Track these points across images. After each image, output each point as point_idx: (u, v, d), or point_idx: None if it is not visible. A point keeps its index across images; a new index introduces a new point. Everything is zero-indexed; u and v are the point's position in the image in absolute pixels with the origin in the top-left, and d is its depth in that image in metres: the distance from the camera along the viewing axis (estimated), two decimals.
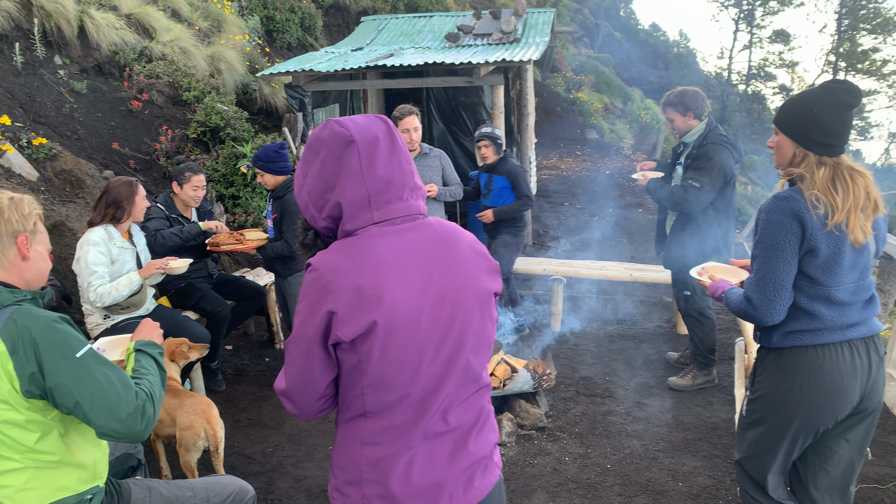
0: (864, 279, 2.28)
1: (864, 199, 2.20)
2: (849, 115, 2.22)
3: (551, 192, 11.56)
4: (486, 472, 1.62)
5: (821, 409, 2.27)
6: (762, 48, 38.02)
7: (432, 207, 4.79)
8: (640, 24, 44.44)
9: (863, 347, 2.27)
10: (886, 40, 33.67)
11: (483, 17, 9.34)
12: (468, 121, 8.65)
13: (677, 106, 4.18)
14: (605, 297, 6.51)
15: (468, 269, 1.54)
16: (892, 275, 4.94)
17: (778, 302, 2.24)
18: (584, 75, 22.41)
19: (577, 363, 5.09)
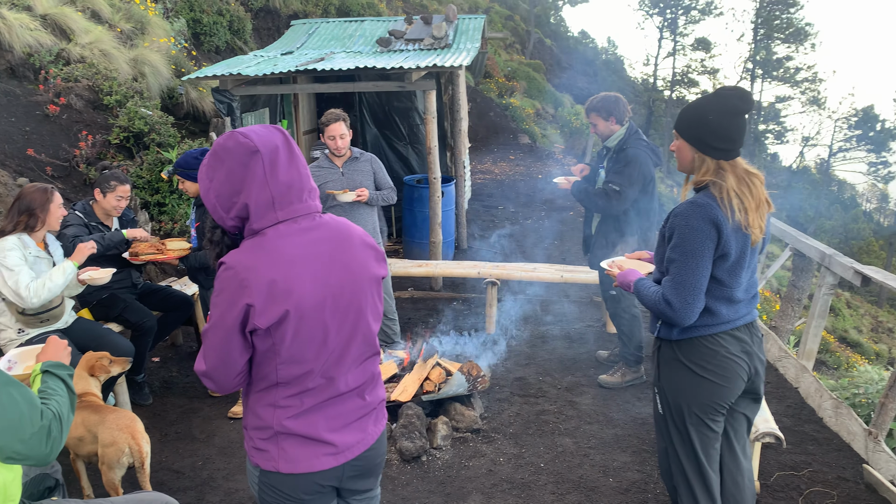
0: (754, 275, 2.49)
1: (760, 198, 2.36)
2: (742, 121, 2.32)
3: (486, 195, 11.69)
4: (378, 421, 1.99)
5: (721, 389, 2.45)
6: (685, 55, 39.53)
7: (364, 212, 4.74)
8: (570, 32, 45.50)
9: (746, 332, 2.48)
10: (798, 49, 35.55)
11: (414, 22, 9.36)
12: (402, 125, 8.65)
13: (600, 111, 4.31)
14: (537, 299, 6.62)
15: (360, 259, 1.85)
16: (805, 271, 5.21)
17: (695, 305, 2.36)
18: (517, 81, 22.75)
19: (512, 365, 5.15)
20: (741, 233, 2.32)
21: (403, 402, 4.06)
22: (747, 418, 2.60)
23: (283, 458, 1.81)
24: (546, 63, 31.42)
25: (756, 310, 2.53)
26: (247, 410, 1.86)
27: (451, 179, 8.06)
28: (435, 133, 6.86)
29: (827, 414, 4.23)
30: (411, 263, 6.34)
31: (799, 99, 36.60)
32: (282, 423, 1.79)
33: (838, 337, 17.31)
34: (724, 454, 2.59)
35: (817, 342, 4.80)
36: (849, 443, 3.95)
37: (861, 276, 4.08)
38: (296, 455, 1.81)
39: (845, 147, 35.88)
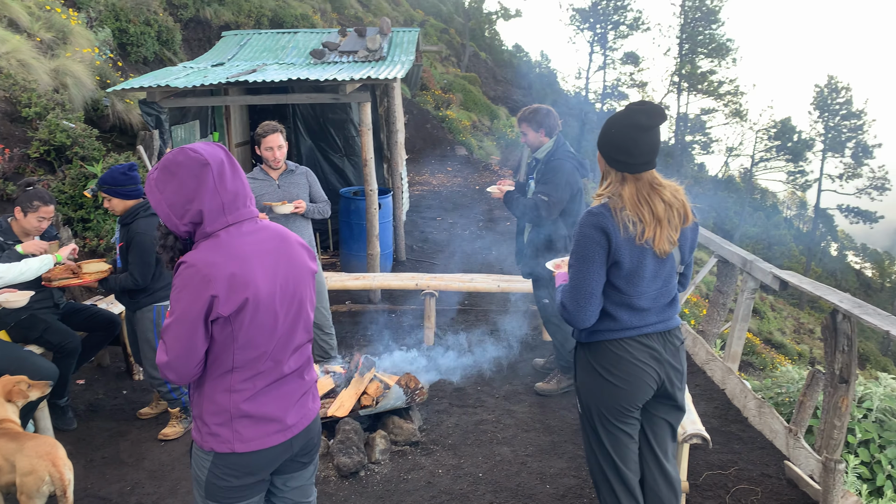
0: (667, 286, 2.52)
1: (667, 211, 2.40)
2: (643, 136, 2.36)
3: (424, 207, 11.72)
4: (314, 399, 2.23)
5: (625, 392, 2.51)
6: (615, 69, 40.72)
7: (300, 224, 4.68)
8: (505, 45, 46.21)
9: (657, 340, 2.52)
10: (721, 63, 37.12)
11: (348, 34, 9.34)
12: (337, 137, 8.60)
13: (531, 122, 4.41)
14: (476, 309, 6.67)
15: (299, 256, 2.12)
16: (729, 277, 5.43)
17: (588, 309, 2.43)
18: (453, 93, 22.94)
19: (450, 376, 5.17)
20: (636, 244, 2.38)
21: (340, 418, 4.02)
22: (669, 424, 2.66)
23: (237, 440, 2.00)
24: (481, 76, 31.83)
25: (674, 319, 2.57)
26: (200, 400, 2.03)
27: (389, 191, 8.05)
28: (371, 145, 6.85)
29: (751, 414, 4.41)
30: (348, 276, 6.30)
31: (722, 111, 38.18)
32: (238, 407, 1.99)
33: (763, 339, 18.04)
34: (647, 459, 2.65)
35: (741, 344, 5.00)
36: (771, 440, 4.13)
37: (779, 280, 4.28)
38: (250, 435, 2.01)
39: (766, 157, 37.58)
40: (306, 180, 4.79)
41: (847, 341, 3.49)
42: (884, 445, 4.61)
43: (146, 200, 4.02)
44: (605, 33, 39.46)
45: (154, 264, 4.03)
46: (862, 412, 4.79)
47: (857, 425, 4.65)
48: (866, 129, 35.78)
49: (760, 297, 21.54)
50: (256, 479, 2.07)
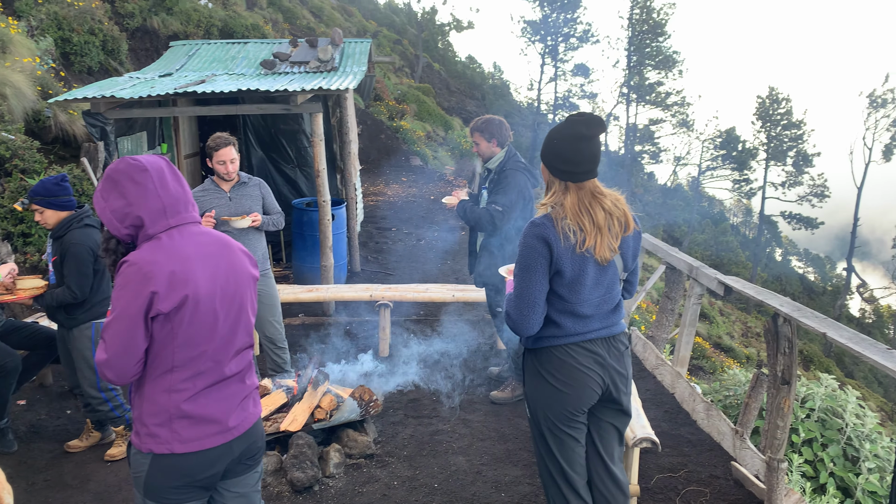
0: (609, 292, 2.57)
1: (607, 219, 2.46)
2: (584, 146, 2.43)
3: (379, 217, 11.69)
4: (255, 404, 2.26)
5: (569, 397, 2.54)
6: (566, 81, 41.36)
7: (253, 237, 4.60)
8: (458, 57, 46.56)
9: (603, 345, 2.58)
10: (668, 75, 38.09)
11: (300, 45, 9.29)
12: (289, 148, 8.52)
13: (483, 132, 4.47)
14: (431, 319, 6.68)
15: (241, 261, 2.18)
16: (677, 283, 5.56)
17: (531, 317, 2.49)
18: (407, 104, 22.98)
19: (405, 387, 5.16)
20: (577, 253, 2.43)
21: (294, 432, 3.97)
22: (615, 428, 2.70)
23: (176, 440, 2.02)
24: (435, 87, 31.98)
25: (618, 324, 2.62)
26: (139, 401, 2.05)
27: (342, 202, 8.02)
28: (323, 156, 6.81)
29: (700, 417, 4.52)
30: (301, 289, 6.23)
31: (670, 121, 39.15)
32: (178, 407, 2.02)
33: (713, 343, 18.49)
34: (595, 462, 2.70)
35: (689, 349, 5.12)
36: (719, 442, 4.23)
37: (724, 286, 4.41)
38: (189, 435, 2.03)
39: (712, 166, 38.66)
40: (259, 192, 4.72)
41: (788, 344, 3.61)
42: (826, 444, 4.78)
43: (79, 212, 3.90)
44: (555, 45, 40.10)
45: (91, 275, 3.87)
46: (805, 412, 4.95)
47: (801, 425, 4.80)
48: (806, 139, 37.15)
49: (709, 302, 22.08)
50: (196, 480, 2.07)
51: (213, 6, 15.59)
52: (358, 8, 35.03)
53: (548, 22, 39.62)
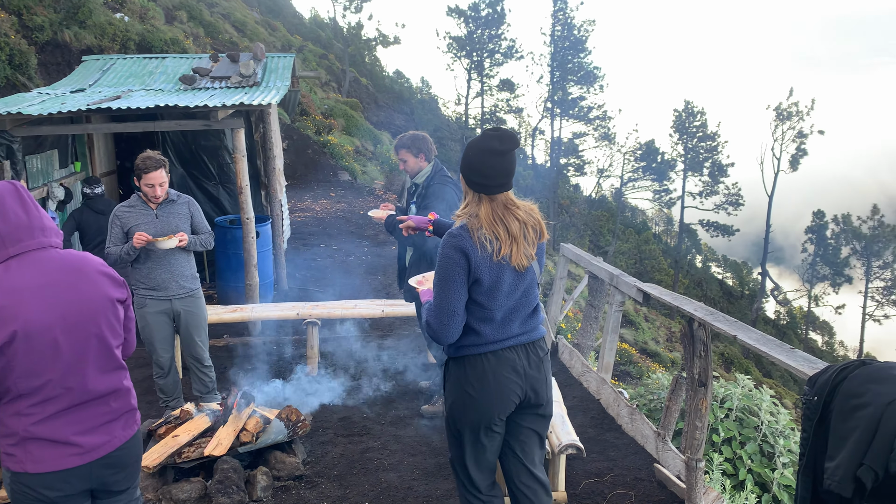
0: (527, 297, 2.64)
1: (522, 228, 2.55)
2: (497, 160, 2.51)
3: (307, 234, 11.54)
4: (128, 426, 2.30)
5: (488, 405, 2.59)
6: (493, 95, 42.08)
7: (180, 257, 4.46)
8: (386, 71, 46.67)
9: (522, 352, 2.63)
10: (589, 90, 39.28)
11: (221, 60, 9.11)
12: (210, 165, 8.32)
13: (410, 148, 4.50)
14: (361, 336, 6.62)
15: (94, 286, 2.19)
16: (599, 291, 5.71)
17: (451, 326, 2.54)
18: (334, 119, 22.85)
19: (335, 405, 5.09)
20: (494, 261, 2.50)
21: (218, 457, 3.85)
22: (536, 433, 2.75)
23: (29, 460, 2.09)
24: (363, 101, 31.92)
25: (537, 330, 2.68)
26: None
27: (267, 219, 7.88)
28: (245, 172, 6.68)
29: (625, 421, 4.64)
30: (224, 309, 6.07)
31: (592, 135, 40.31)
32: (27, 429, 2.07)
33: (639, 348, 19.06)
34: (517, 468, 2.74)
35: (613, 355, 5.27)
36: (643, 445, 4.36)
37: (643, 293, 4.56)
38: (42, 456, 2.09)
39: (634, 177, 40.00)
40: (188, 210, 4.56)
41: (703, 347, 3.76)
42: (744, 442, 4.99)
43: None
44: (481, 61, 40.77)
45: None
46: (724, 412, 5.16)
47: (721, 424, 5.00)
48: (720, 150, 38.96)
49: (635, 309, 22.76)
50: (51, 499, 2.12)
51: (129, 20, 15.10)
52: (283, 23, 34.67)
53: (473, 38, 40.28)
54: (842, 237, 38.11)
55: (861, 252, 36.86)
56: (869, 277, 36.49)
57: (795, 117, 37.46)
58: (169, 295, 4.45)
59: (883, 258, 36.27)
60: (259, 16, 31.79)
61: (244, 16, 27.81)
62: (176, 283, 4.46)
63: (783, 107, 37.82)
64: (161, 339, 4.51)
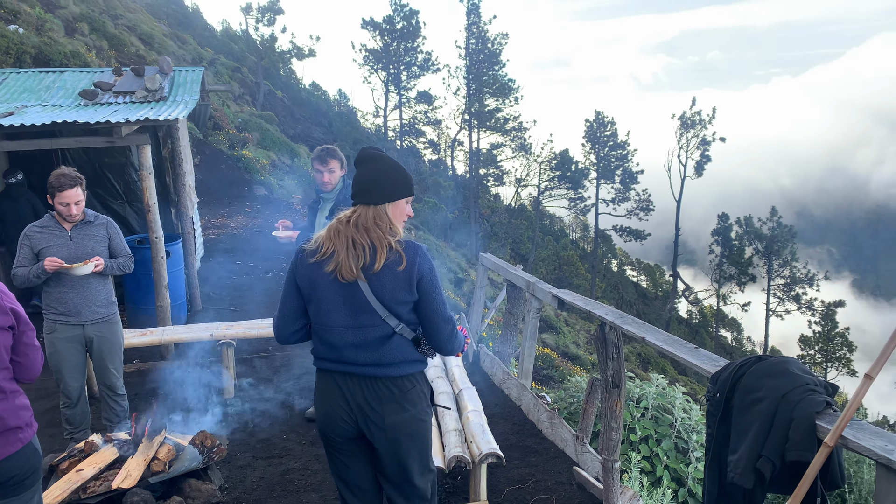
0: (363, 329, 2.44)
1: (362, 243, 2.40)
2: (361, 171, 2.51)
3: (222, 251, 11.19)
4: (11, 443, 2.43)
5: (322, 422, 2.55)
6: (411, 108, 42.26)
7: (96, 282, 4.20)
8: (302, 84, 46.08)
9: (356, 383, 2.47)
10: (505, 102, 40.05)
11: (125, 73, 8.75)
12: (116, 182, 7.98)
13: (340, 160, 4.53)
14: (280, 355, 6.47)
15: None
16: (518, 299, 5.81)
17: (282, 327, 2.57)
18: (249, 133, 22.35)
19: (254, 427, 4.95)
20: (324, 275, 2.42)
21: (128, 489, 3.66)
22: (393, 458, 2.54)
23: None
24: (279, 114, 31.39)
25: (382, 368, 2.45)
26: None
27: (178, 237, 7.61)
28: (153, 189, 6.43)
29: (545, 426, 4.72)
30: (133, 333, 5.81)
31: (510, 145, 41.11)
32: None
33: (560, 352, 19.47)
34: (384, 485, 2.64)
35: (532, 361, 5.36)
36: (563, 449, 4.45)
37: (557, 299, 4.66)
38: None
39: (550, 186, 41.01)
40: (106, 233, 4.30)
41: (615, 349, 3.88)
42: (660, 439, 5.17)
43: None
44: (398, 73, 40.90)
45: None
46: (640, 411, 5.33)
47: (638, 423, 5.16)
48: (630, 158, 40.51)
49: (556, 314, 23.27)
50: None
51: (24, 32, 14.30)
52: (193, 35, 33.70)
53: (389, 50, 40.37)
54: (745, 238, 40.27)
55: (763, 252, 39.06)
56: (771, 276, 38.70)
57: (699, 126, 39.43)
58: (81, 320, 4.20)
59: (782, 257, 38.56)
60: (167, 28, 30.77)
61: (151, 28, 26.86)
62: (89, 308, 4.21)
63: (687, 116, 39.72)
64: (70, 366, 4.24)
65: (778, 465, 2.37)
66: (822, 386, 2.49)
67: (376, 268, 2.38)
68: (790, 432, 2.33)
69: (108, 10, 24.94)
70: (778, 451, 2.36)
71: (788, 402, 2.39)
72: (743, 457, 2.44)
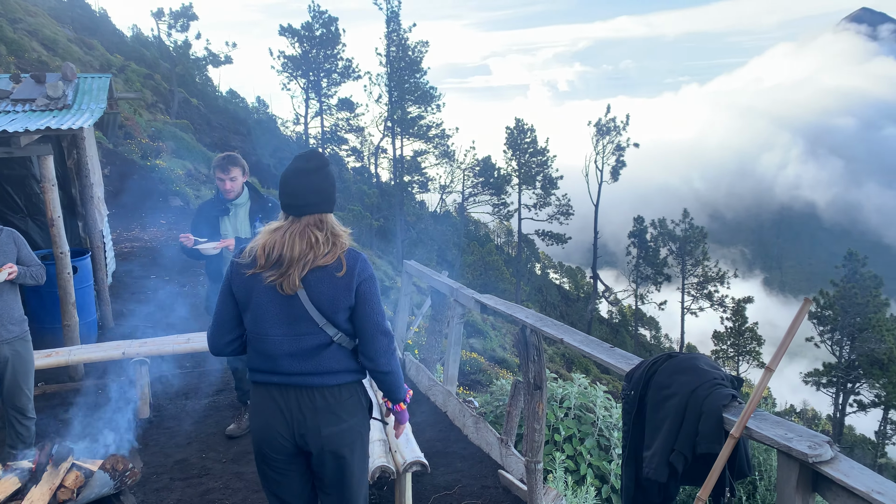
0: (300, 338, 2.39)
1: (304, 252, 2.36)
2: (297, 181, 2.41)
3: (135, 265, 10.74)
4: None
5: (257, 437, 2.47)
6: (332, 115, 41.83)
7: (7, 297, 3.98)
8: (219, 91, 44.88)
9: (293, 394, 2.41)
10: (427, 109, 40.24)
11: (24, 80, 8.27)
12: (16, 196, 7.52)
13: (243, 167, 4.44)
14: (196, 371, 6.26)
15: None
16: (443, 305, 5.83)
17: (215, 336, 2.51)
18: (163, 142, 21.58)
19: (171, 447, 4.76)
20: (261, 284, 2.37)
21: None
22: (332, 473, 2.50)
23: None
24: (195, 123, 30.45)
25: (319, 377, 2.40)
26: None
27: (86, 252, 7.24)
28: (57, 202, 6.10)
29: (470, 431, 4.75)
30: (37, 354, 5.46)
31: (433, 152, 41.31)
32: None
33: (488, 357, 19.66)
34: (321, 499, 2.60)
35: (457, 367, 5.38)
36: (488, 453, 4.48)
37: (480, 304, 4.71)
38: None
39: (474, 192, 41.49)
40: (13, 244, 4.08)
41: (536, 352, 3.95)
42: (583, 438, 5.29)
43: None
44: (318, 80, 40.43)
45: None
46: (564, 411, 5.45)
47: (562, 423, 5.27)
48: (550, 164, 41.45)
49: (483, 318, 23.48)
50: None
51: None
52: (101, 41, 32.24)
53: (308, 57, 39.87)
54: (660, 240, 41.87)
55: (676, 252, 40.70)
56: (684, 275, 40.37)
57: (613, 132, 40.76)
58: None
59: (695, 256, 40.29)
60: (72, 33, 29.35)
61: (54, 33, 25.55)
62: (4, 326, 3.98)
63: (602, 122, 41.00)
64: None
65: (690, 458, 2.46)
66: (729, 380, 2.61)
67: (316, 275, 2.35)
68: (699, 426, 2.43)
69: (5, 13, 23.58)
70: (689, 445, 2.45)
71: (697, 397, 2.49)
72: (657, 452, 2.52)
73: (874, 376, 28.32)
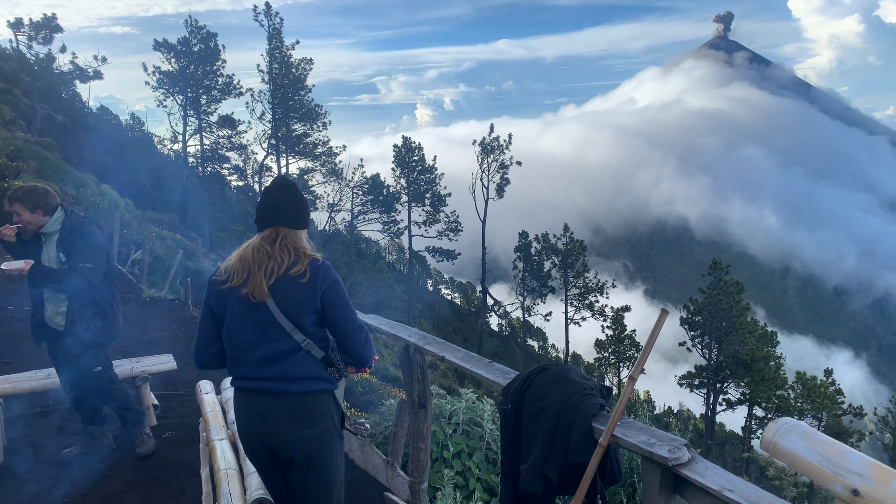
0: (269, 345, 2.55)
1: (265, 262, 2.57)
2: (261, 200, 2.70)
3: None
4: None
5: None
6: (213, 133, 40.36)
7: None
8: (88, 108, 42.29)
9: (265, 400, 2.56)
10: (313, 127, 39.75)
11: None
12: None
13: (25, 202, 4.30)
14: (60, 409, 5.78)
15: None
16: None
17: (200, 351, 2.67)
18: (23, 161, 20.00)
19: (29, 496, 4.36)
20: (235, 296, 2.55)
21: None
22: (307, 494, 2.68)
23: None
24: (60, 141, 28.46)
25: (289, 383, 2.54)
26: None
27: None
28: None
29: (356, 455, 4.68)
30: None
31: (320, 170, 40.78)
32: None
33: (380, 376, 19.50)
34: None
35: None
36: (374, 476, 4.43)
37: None
38: None
39: (364, 210, 41.30)
40: None
41: (420, 370, 3.95)
42: (471, 453, 5.33)
43: None
44: (197, 97, 38.95)
45: None
46: (452, 427, 5.47)
47: (450, 440, 5.29)
48: (438, 182, 42.01)
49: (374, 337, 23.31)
50: None
51: None
52: None
53: (186, 73, 38.34)
54: (543, 253, 43.32)
55: (559, 265, 42.24)
56: (567, 287, 41.94)
57: (497, 151, 41.90)
58: None
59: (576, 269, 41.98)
60: None
61: None
62: None
63: (487, 141, 42.06)
64: None
65: (563, 468, 2.53)
66: (598, 389, 2.72)
67: (282, 283, 2.52)
68: (571, 436, 2.51)
69: None
70: (562, 455, 2.52)
71: (569, 408, 2.58)
72: (532, 464, 2.58)
73: (739, 376, 30.55)
